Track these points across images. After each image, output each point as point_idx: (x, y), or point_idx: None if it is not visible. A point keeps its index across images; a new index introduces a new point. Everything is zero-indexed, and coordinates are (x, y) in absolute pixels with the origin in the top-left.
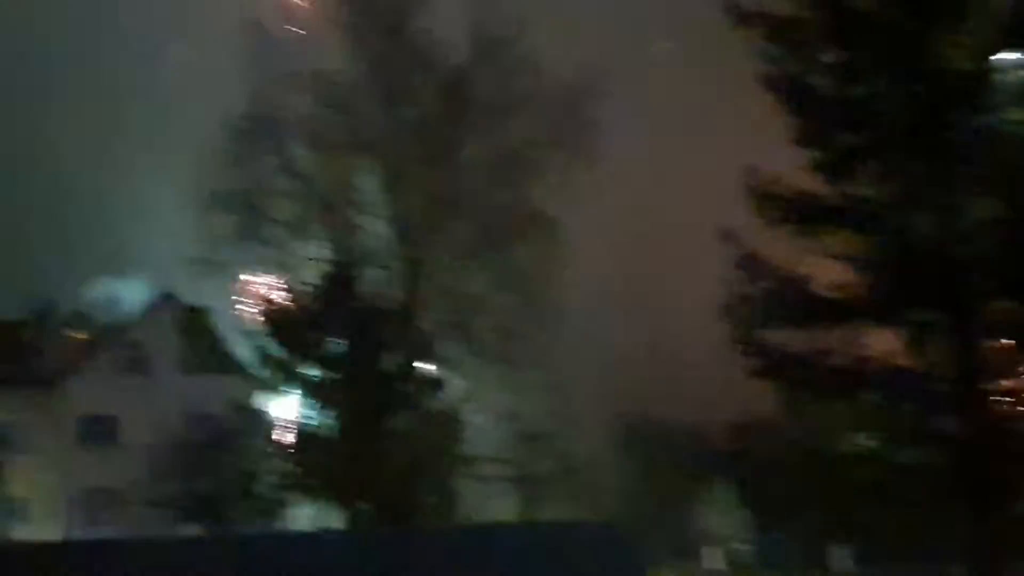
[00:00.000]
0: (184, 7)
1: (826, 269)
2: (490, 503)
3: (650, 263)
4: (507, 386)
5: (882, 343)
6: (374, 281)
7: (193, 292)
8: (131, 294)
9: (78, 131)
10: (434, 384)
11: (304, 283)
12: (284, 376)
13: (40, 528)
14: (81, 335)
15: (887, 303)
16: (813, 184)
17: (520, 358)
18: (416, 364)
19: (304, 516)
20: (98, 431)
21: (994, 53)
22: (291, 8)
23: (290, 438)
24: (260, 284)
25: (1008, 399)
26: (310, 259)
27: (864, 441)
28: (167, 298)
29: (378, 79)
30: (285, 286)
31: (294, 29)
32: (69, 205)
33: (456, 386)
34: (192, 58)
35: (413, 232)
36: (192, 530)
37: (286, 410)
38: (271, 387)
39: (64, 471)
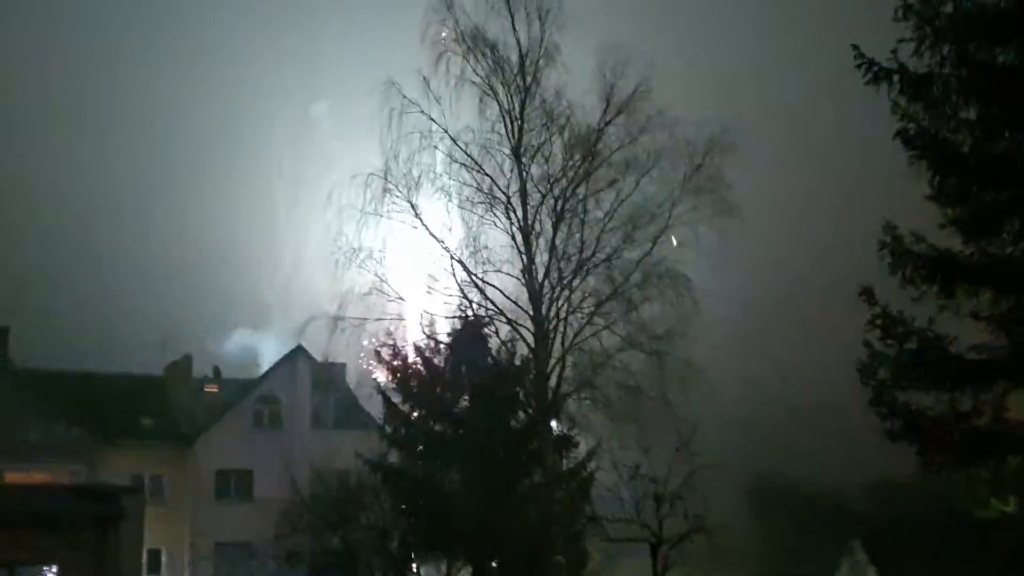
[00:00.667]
0: (322, 67)
1: (968, 329)
2: (620, 563)
3: (785, 320)
4: (637, 444)
5: None
6: (504, 338)
7: (326, 347)
8: (265, 349)
9: (214, 186)
10: (563, 442)
11: (434, 339)
12: (414, 433)
13: None
14: (217, 389)
15: None
16: (953, 243)
17: (650, 416)
18: (545, 422)
19: (434, 573)
20: (233, 485)
21: None
22: (426, 67)
23: (420, 495)
24: (391, 340)
25: None
26: (441, 316)
27: (1004, 506)
28: (300, 353)
29: (510, 136)
30: (416, 342)
31: (428, 88)
32: (207, 261)
33: (585, 445)
34: (329, 116)
35: (543, 289)
36: None
37: (417, 467)
38: (401, 444)
39: (199, 524)
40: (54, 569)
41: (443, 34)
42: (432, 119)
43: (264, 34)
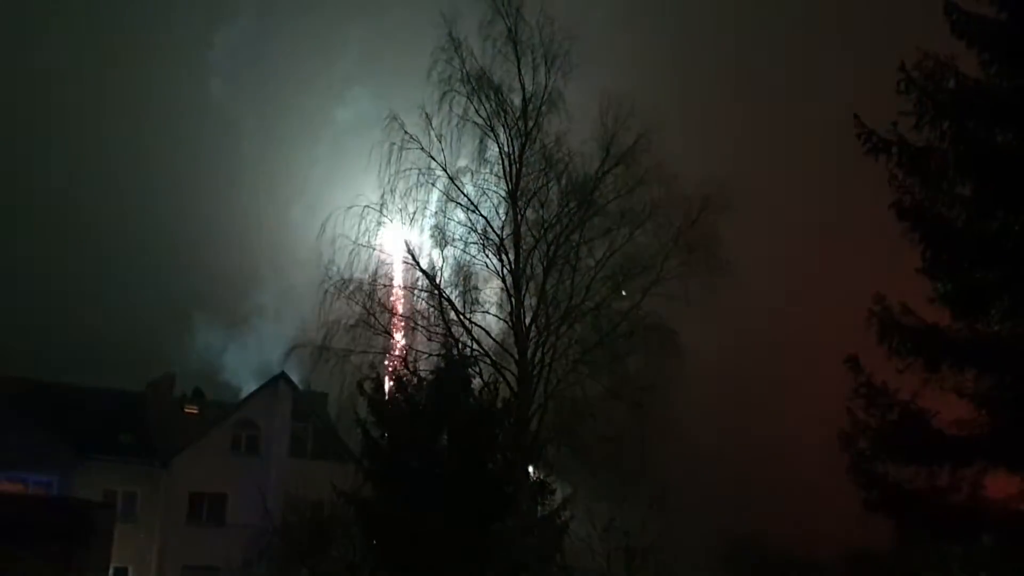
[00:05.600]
0: (326, 100)
1: (950, 405)
2: None
3: (768, 382)
4: (612, 496)
5: (1003, 486)
6: (487, 379)
7: (308, 376)
8: (248, 374)
9: (206, 206)
10: (540, 488)
11: (417, 376)
12: (390, 468)
13: None
14: (197, 411)
15: (1010, 445)
16: (941, 317)
17: (628, 468)
18: (523, 466)
19: None
20: (206, 508)
21: None
22: (429, 105)
23: (393, 531)
24: (374, 373)
25: None
26: (426, 353)
27: None
28: (282, 380)
29: (508, 179)
30: (399, 377)
31: (430, 125)
32: (196, 283)
33: (561, 492)
34: (326, 145)
35: (530, 333)
36: None
37: (391, 503)
38: (377, 478)
39: (168, 545)
40: None
41: (449, 74)
42: (432, 156)
43: (261, 56)
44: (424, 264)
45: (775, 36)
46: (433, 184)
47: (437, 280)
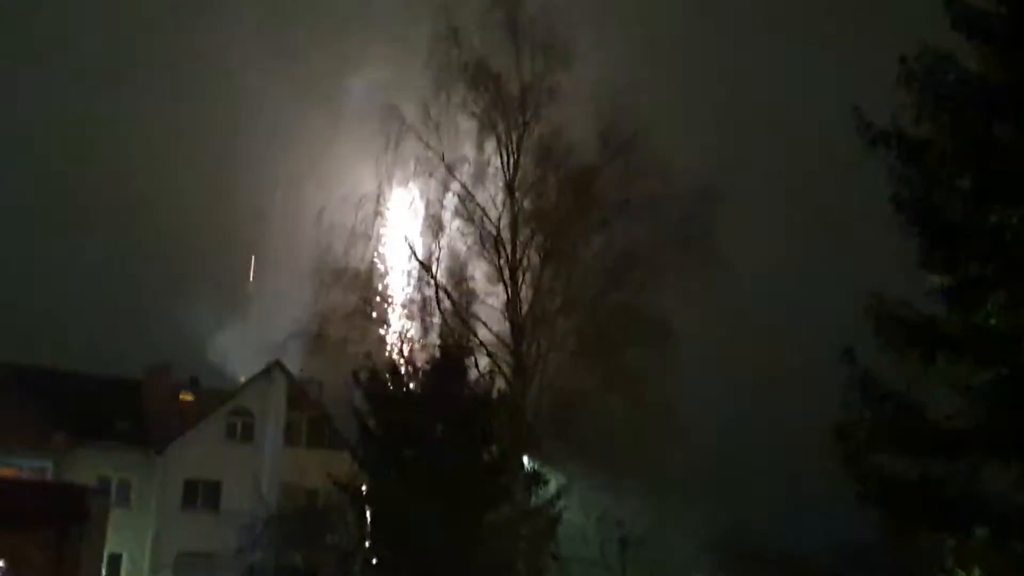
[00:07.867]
0: (325, 88)
1: (945, 398)
2: None
3: (764, 374)
4: (607, 487)
5: (998, 478)
6: (483, 370)
7: (304, 365)
8: (244, 362)
9: (204, 192)
10: (534, 479)
11: (413, 366)
12: (385, 457)
13: None
14: (193, 398)
15: (1006, 438)
16: (938, 310)
17: (622, 460)
18: (518, 457)
19: None
20: (200, 495)
21: None
22: (427, 94)
23: (387, 520)
24: (370, 363)
25: None
26: (422, 343)
27: None
28: (278, 369)
29: (506, 170)
30: (394, 367)
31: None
32: (194, 269)
33: (555, 482)
34: (325, 133)
35: (525, 324)
36: None
37: (385, 492)
38: (372, 467)
39: (163, 531)
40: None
41: (447, 63)
42: (429, 146)
43: (261, 43)
44: (420, 254)
45: (775, 31)
46: (430, 174)
47: (434, 270)
